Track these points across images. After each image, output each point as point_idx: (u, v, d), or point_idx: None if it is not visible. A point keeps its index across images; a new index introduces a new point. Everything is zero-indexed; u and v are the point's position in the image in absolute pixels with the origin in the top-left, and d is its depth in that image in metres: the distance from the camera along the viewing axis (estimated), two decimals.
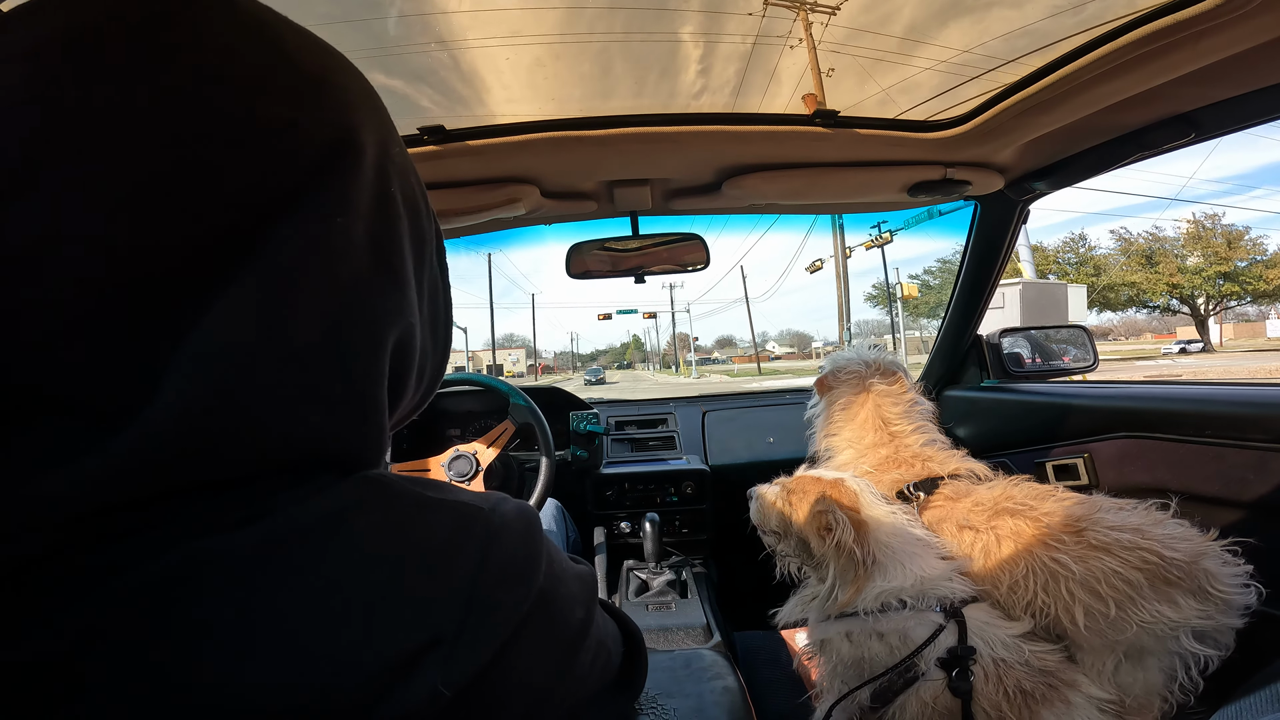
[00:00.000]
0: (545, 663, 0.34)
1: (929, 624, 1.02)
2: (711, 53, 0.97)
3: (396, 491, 0.32)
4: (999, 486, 1.19)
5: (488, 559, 0.32)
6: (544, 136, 1.22)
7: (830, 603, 1.08)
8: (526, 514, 0.36)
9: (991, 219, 1.68)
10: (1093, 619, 0.97)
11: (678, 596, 1.57)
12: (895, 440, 1.37)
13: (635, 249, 1.65)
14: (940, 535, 1.17)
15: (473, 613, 0.30)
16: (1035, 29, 0.95)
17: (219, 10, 0.30)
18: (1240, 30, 0.83)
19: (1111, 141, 1.25)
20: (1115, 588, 0.95)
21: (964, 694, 0.96)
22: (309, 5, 0.85)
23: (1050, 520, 1.05)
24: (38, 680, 0.23)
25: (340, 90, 0.33)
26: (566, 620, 0.36)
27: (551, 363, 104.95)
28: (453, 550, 0.31)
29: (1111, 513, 1.03)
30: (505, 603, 0.32)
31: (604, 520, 1.92)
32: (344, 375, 0.32)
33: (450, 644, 0.29)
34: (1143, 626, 0.94)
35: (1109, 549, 0.98)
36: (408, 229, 0.37)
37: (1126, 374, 16.13)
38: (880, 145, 1.32)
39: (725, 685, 1.14)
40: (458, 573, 0.31)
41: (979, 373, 1.90)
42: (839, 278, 19.56)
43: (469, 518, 0.33)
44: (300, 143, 0.30)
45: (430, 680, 0.28)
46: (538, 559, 0.35)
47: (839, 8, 0.92)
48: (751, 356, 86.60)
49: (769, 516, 1.21)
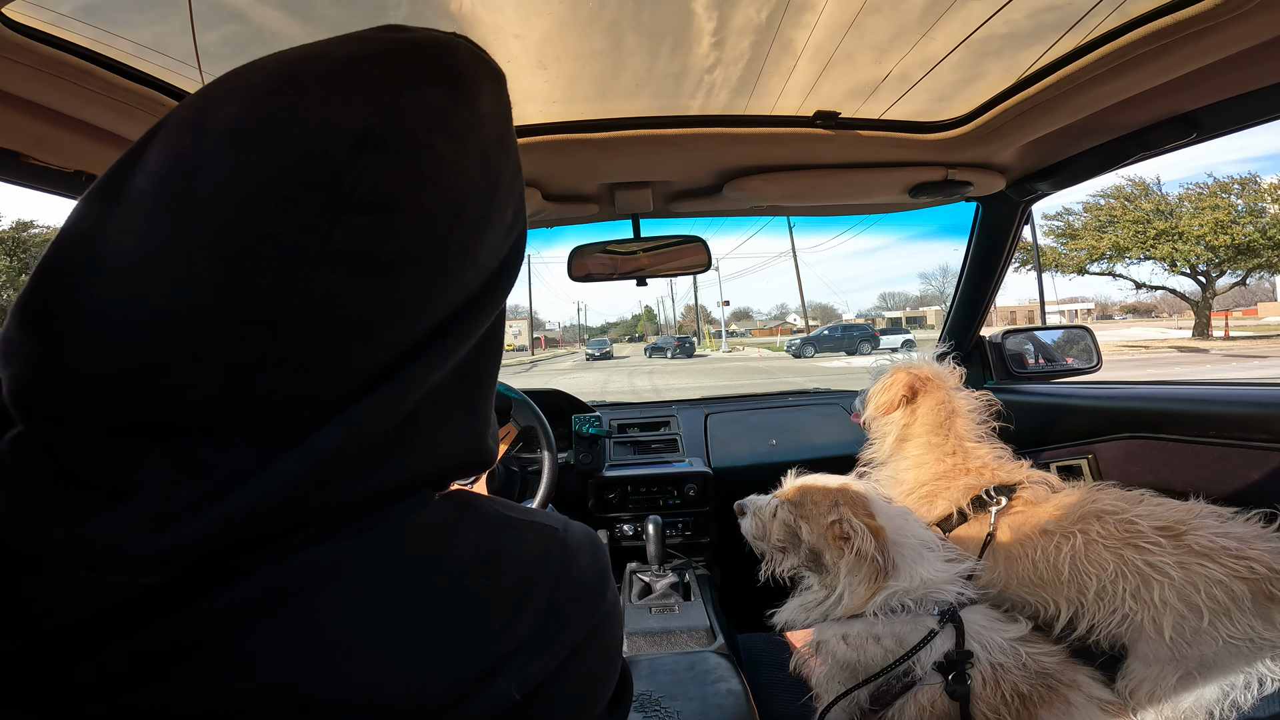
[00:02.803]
0: (595, 675, 0.37)
1: (924, 628, 1.01)
2: (719, 49, 0.97)
3: (484, 511, 0.36)
4: (1081, 490, 1.15)
5: (563, 575, 0.35)
6: (546, 139, 1.23)
7: (837, 608, 1.07)
8: (592, 536, 0.39)
9: (993, 220, 1.68)
10: (1180, 630, 0.92)
11: (680, 599, 1.57)
12: (967, 450, 1.33)
13: (637, 252, 1.66)
14: (1024, 541, 1.14)
15: (549, 624, 0.33)
16: (1036, 26, 0.94)
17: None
18: (1240, 30, 0.83)
19: (1113, 141, 1.25)
20: (1214, 598, 0.90)
21: (961, 697, 0.96)
22: (312, 7, 0.85)
23: (1147, 523, 1.00)
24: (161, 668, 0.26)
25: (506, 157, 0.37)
26: (618, 636, 0.39)
27: (557, 336, 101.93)
28: (535, 567, 0.34)
29: (1213, 519, 0.98)
30: (576, 616, 0.34)
31: (606, 523, 1.92)
32: (470, 405, 0.36)
33: (528, 652, 0.31)
34: (1229, 642, 0.89)
35: (1212, 555, 0.92)
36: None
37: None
38: (881, 146, 1.32)
39: (729, 688, 1.14)
40: (539, 587, 0.33)
41: (982, 373, 1.90)
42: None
43: (548, 537, 0.36)
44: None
45: (506, 686, 0.30)
46: (606, 576, 0.38)
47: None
48: (772, 329, 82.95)
49: (770, 531, 1.17)
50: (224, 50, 0.90)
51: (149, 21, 0.82)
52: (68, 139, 0.92)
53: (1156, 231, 22.35)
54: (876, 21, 0.90)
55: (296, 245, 0.27)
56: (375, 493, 0.31)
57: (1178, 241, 22.00)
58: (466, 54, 0.34)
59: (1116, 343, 23.72)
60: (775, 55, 0.99)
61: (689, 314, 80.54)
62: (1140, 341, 24.59)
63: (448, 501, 0.35)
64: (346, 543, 0.30)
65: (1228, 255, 21.50)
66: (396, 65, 0.31)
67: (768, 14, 0.88)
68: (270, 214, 0.27)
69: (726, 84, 1.08)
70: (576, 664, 0.34)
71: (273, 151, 0.27)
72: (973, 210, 1.73)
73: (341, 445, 0.28)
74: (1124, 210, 23.09)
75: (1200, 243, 21.58)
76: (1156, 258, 22.68)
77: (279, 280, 0.27)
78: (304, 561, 0.28)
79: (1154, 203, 22.96)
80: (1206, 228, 21.32)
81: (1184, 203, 22.66)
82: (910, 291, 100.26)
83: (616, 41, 0.94)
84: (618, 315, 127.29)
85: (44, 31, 0.79)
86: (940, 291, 70.73)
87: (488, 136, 0.33)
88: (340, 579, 0.29)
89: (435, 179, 0.30)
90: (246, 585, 0.27)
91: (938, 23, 0.90)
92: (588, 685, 0.36)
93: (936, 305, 67.45)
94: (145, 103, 0.91)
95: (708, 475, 1.93)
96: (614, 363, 34.75)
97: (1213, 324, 24.18)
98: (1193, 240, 21.70)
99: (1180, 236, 21.99)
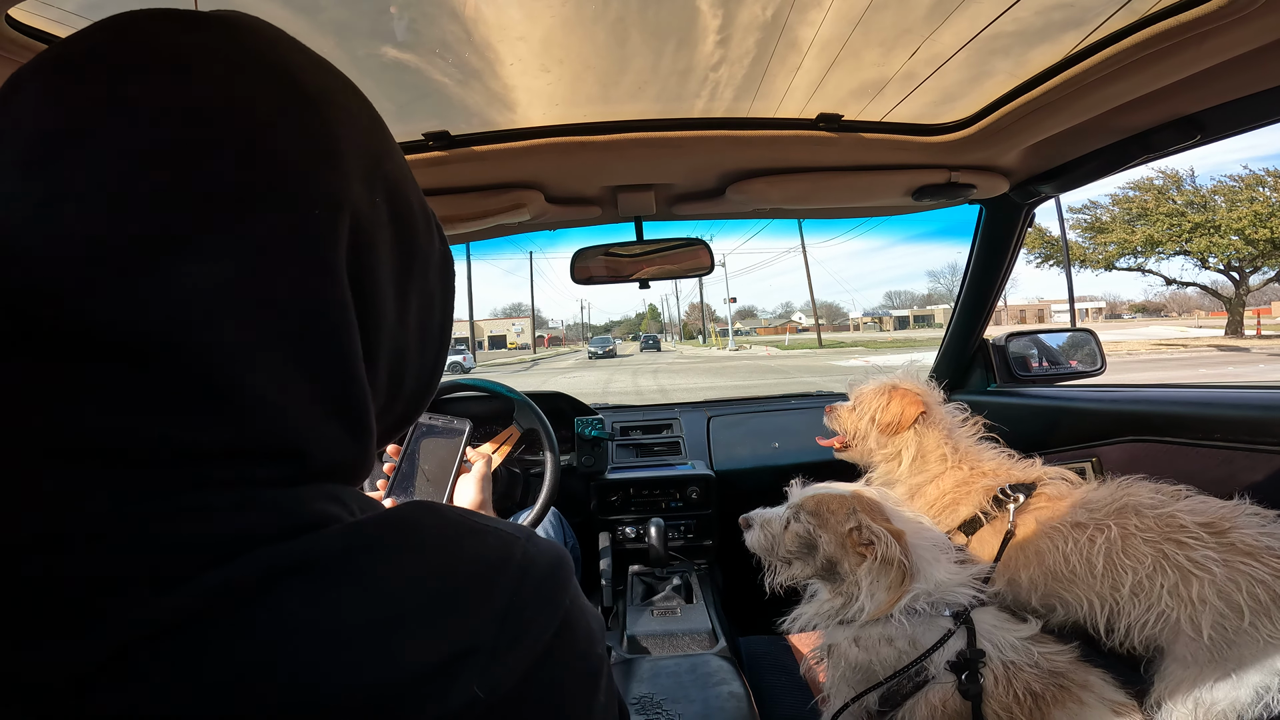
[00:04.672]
0: (572, 689, 0.37)
1: (938, 628, 1.01)
2: (724, 46, 0.97)
3: (449, 517, 0.37)
4: (1111, 485, 1.12)
5: (523, 582, 0.35)
6: (549, 142, 1.23)
7: (859, 615, 1.05)
8: (557, 549, 0.39)
9: (997, 222, 1.68)
10: (1219, 629, 0.91)
11: (683, 601, 1.57)
12: (973, 455, 1.32)
13: (639, 254, 1.66)
14: (1051, 536, 1.12)
15: (507, 627, 0.33)
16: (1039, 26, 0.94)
17: (229, 43, 0.34)
18: (1244, 32, 0.82)
19: (1117, 144, 1.25)
20: (1256, 597, 0.88)
21: (974, 696, 0.96)
22: (318, 6, 0.86)
23: (1190, 518, 0.98)
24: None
25: (330, 106, 0.37)
26: (588, 652, 0.39)
27: (561, 334, 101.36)
28: (494, 571, 0.35)
29: (1257, 518, 0.96)
30: (536, 620, 0.35)
31: (609, 525, 1.91)
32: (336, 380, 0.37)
33: (488, 653, 0.32)
34: (1270, 643, 0.88)
35: (1257, 555, 0.91)
36: (391, 238, 0.40)
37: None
38: (884, 149, 1.32)
39: (731, 690, 1.14)
40: (497, 591, 0.34)
41: (985, 376, 1.89)
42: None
43: (509, 544, 0.37)
44: (284, 145, 0.34)
45: (468, 684, 0.31)
46: (565, 587, 0.38)
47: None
48: (777, 328, 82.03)
49: (781, 543, 1.14)
50: None
51: None
52: None
53: (1192, 224, 21.60)
54: (884, 18, 0.89)
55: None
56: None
57: (1214, 235, 21.27)
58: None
59: (1149, 341, 22.99)
60: (781, 53, 0.98)
61: (693, 312, 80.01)
62: (1174, 340, 23.62)
63: (412, 505, 0.36)
64: (308, 539, 0.31)
65: (1264, 249, 20.93)
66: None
67: (774, 11, 0.87)
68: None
69: (731, 83, 1.08)
70: (548, 674, 0.35)
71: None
72: (977, 210, 1.72)
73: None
74: (1158, 202, 22.26)
75: (1239, 235, 20.88)
76: (1191, 252, 22.02)
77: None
78: (271, 558, 0.30)
79: (1186, 196, 22.13)
80: (1245, 220, 20.63)
81: (1216, 196, 21.91)
82: (916, 290, 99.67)
83: (621, 39, 0.95)
84: (621, 314, 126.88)
85: (50, 33, 0.79)
86: (949, 290, 70.32)
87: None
88: (305, 574, 0.30)
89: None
90: (215, 576, 0.28)
91: (947, 20, 0.90)
92: (573, 703, 0.37)
93: (945, 304, 66.90)
94: None
95: (710, 478, 1.93)
96: (616, 361, 34.16)
97: (1245, 322, 23.38)
98: (1230, 233, 20.99)
99: (1217, 229, 21.23)
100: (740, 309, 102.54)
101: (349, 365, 0.36)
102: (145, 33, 0.33)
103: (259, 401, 0.32)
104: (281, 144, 0.34)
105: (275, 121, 0.34)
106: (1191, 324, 32.37)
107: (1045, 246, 24.85)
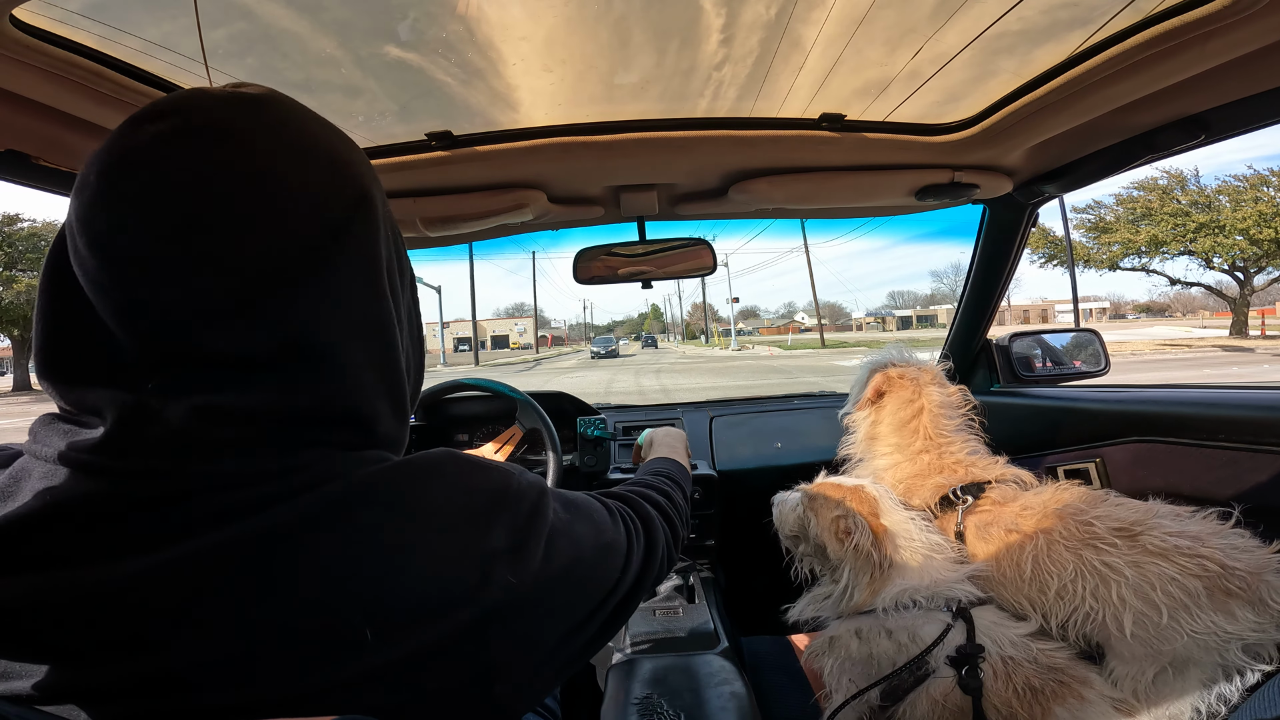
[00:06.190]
0: (576, 558, 0.53)
1: (938, 622, 1.03)
2: (727, 45, 0.97)
3: (462, 457, 0.51)
4: (1047, 491, 1.16)
5: (520, 503, 0.50)
6: (552, 142, 1.23)
7: (845, 603, 1.11)
8: (539, 482, 0.54)
9: (1000, 222, 1.67)
10: (1142, 627, 0.95)
11: (685, 602, 1.57)
12: (940, 447, 1.33)
13: (642, 254, 1.66)
14: (988, 539, 1.15)
15: (518, 533, 0.49)
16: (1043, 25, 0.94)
17: (270, 126, 0.45)
18: (1248, 31, 0.82)
19: (1121, 144, 1.24)
20: (1170, 595, 0.92)
21: (974, 691, 0.97)
22: (321, 6, 0.86)
23: (1104, 524, 1.03)
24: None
25: (354, 164, 0.49)
26: (582, 535, 0.56)
27: (563, 334, 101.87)
28: (501, 494, 0.50)
29: (1170, 519, 1.00)
30: (536, 526, 0.50)
31: None
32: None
33: (513, 551, 0.48)
34: (1193, 637, 0.91)
35: (1166, 555, 0.95)
36: (395, 255, 0.53)
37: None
38: (887, 149, 1.31)
39: (733, 691, 1.14)
40: (509, 507, 0.50)
41: (988, 376, 1.89)
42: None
43: (508, 476, 0.52)
44: (332, 199, 0.46)
45: (503, 573, 0.46)
46: (547, 504, 0.53)
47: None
48: (780, 328, 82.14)
49: (786, 521, 1.25)
50: (231, 48, 0.91)
51: (157, 20, 0.82)
52: (77, 141, 0.92)
53: (1196, 224, 21.60)
54: (888, 17, 0.89)
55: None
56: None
57: (1219, 235, 21.27)
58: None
59: (1153, 342, 22.88)
60: (784, 52, 0.98)
61: (696, 312, 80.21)
62: (1179, 340, 23.50)
63: (436, 450, 0.51)
64: (374, 468, 0.47)
65: (1269, 249, 20.88)
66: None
67: (777, 9, 0.87)
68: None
69: (734, 82, 1.08)
70: (552, 553, 0.50)
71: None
72: (980, 209, 1.72)
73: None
74: (1162, 202, 22.24)
75: (1244, 235, 20.84)
76: (1196, 252, 21.95)
77: None
78: (348, 482, 0.44)
79: (1191, 196, 22.12)
80: (1249, 220, 20.62)
81: (1220, 195, 21.87)
82: (919, 290, 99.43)
83: (624, 39, 0.94)
84: (624, 314, 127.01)
85: (53, 33, 0.79)
86: (953, 290, 70.24)
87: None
88: (372, 496, 0.44)
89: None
90: (312, 495, 0.43)
91: (951, 19, 0.90)
92: (581, 566, 0.54)
93: (948, 304, 66.75)
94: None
95: (713, 478, 1.92)
96: (619, 361, 33.99)
97: (1249, 322, 23.30)
98: (1235, 233, 20.96)
99: (1222, 229, 21.21)
100: (743, 309, 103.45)
101: (397, 362, 0.51)
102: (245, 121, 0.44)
103: (354, 384, 0.46)
104: (334, 208, 0.46)
105: (328, 190, 0.46)
106: (1196, 324, 32.29)
107: (1049, 246, 24.78)
